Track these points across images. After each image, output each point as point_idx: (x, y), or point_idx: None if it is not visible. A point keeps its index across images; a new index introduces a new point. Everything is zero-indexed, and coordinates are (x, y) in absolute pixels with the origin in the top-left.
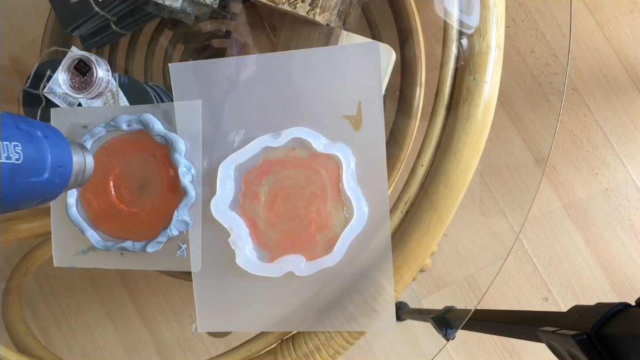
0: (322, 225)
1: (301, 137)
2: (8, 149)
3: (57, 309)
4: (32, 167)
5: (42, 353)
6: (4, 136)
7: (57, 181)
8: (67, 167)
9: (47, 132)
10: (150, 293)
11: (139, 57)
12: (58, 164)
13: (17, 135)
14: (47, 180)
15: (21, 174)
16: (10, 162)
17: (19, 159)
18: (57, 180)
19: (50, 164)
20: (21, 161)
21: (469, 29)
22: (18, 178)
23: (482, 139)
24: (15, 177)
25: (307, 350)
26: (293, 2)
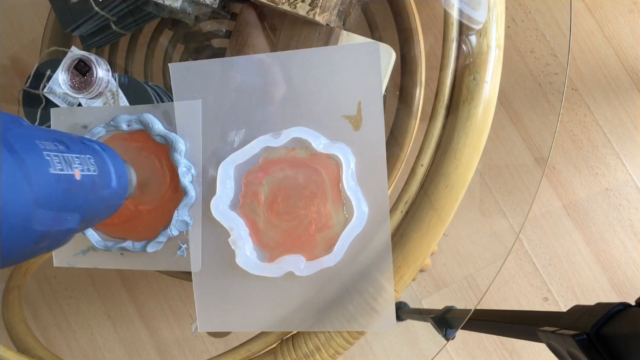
0: (322, 225)
1: (301, 137)
2: (86, 162)
3: (57, 309)
4: (104, 178)
5: (42, 353)
6: (79, 151)
7: (121, 190)
8: (125, 177)
9: (102, 146)
10: (150, 293)
11: (139, 57)
12: (119, 174)
13: (87, 150)
14: (115, 189)
15: (99, 184)
16: (90, 174)
17: (95, 170)
18: (120, 190)
19: (114, 175)
20: (97, 173)
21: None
22: (98, 189)
23: (482, 139)
24: (96, 189)
25: (307, 350)
26: (293, 2)
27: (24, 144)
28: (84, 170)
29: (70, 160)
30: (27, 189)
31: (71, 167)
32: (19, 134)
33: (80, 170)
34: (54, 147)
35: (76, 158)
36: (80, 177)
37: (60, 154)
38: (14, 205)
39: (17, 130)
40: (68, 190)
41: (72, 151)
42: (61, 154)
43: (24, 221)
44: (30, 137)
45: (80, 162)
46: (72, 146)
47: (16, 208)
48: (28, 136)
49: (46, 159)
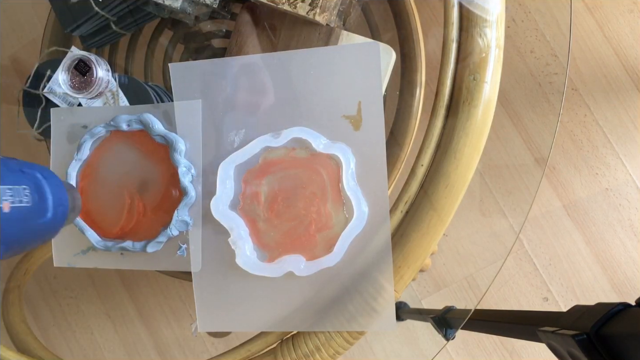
0: (322, 225)
1: (301, 137)
2: (19, 193)
3: (57, 309)
4: (38, 209)
5: (42, 353)
6: (13, 181)
7: (58, 220)
8: (65, 206)
9: (45, 174)
10: (150, 293)
11: (139, 57)
12: (58, 203)
13: (24, 179)
14: (50, 219)
15: (31, 216)
16: (22, 206)
17: (29, 202)
18: (57, 219)
19: (52, 204)
20: (30, 204)
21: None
22: (29, 221)
23: (482, 139)
24: (27, 220)
25: (307, 350)
26: (293, 2)
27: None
28: (15, 202)
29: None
30: None
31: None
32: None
33: (11, 202)
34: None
35: (8, 190)
36: (9, 209)
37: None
38: None
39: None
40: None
41: (5, 182)
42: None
43: None
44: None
45: (12, 193)
46: (6, 177)
47: None
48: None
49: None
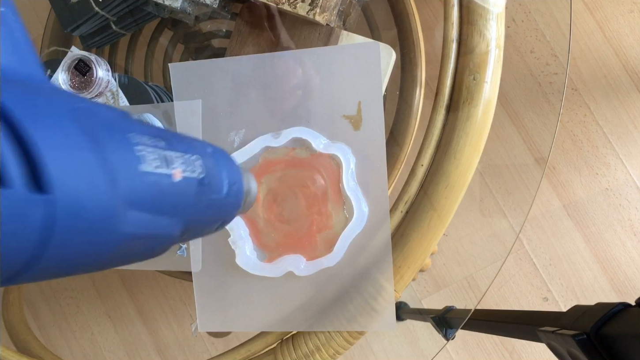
0: (322, 226)
1: (301, 137)
2: (190, 163)
3: (57, 309)
4: (213, 183)
5: (42, 353)
6: (183, 150)
7: (233, 200)
8: (240, 185)
9: (215, 149)
10: (150, 293)
11: (139, 57)
12: (232, 180)
13: (195, 150)
14: (226, 198)
15: (205, 189)
16: (194, 177)
17: (201, 173)
18: (232, 199)
19: (227, 180)
20: (203, 175)
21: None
22: (203, 195)
23: (482, 139)
24: (200, 193)
25: (307, 350)
26: (293, 2)
27: (110, 135)
28: (187, 171)
29: (170, 158)
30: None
31: (169, 167)
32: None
33: (182, 170)
34: (151, 142)
35: (178, 157)
36: (182, 177)
37: (158, 150)
38: (93, 202)
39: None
40: (164, 191)
41: (173, 149)
42: (159, 149)
43: (107, 221)
44: (122, 130)
45: (184, 161)
46: (174, 144)
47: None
48: (119, 128)
49: (137, 155)
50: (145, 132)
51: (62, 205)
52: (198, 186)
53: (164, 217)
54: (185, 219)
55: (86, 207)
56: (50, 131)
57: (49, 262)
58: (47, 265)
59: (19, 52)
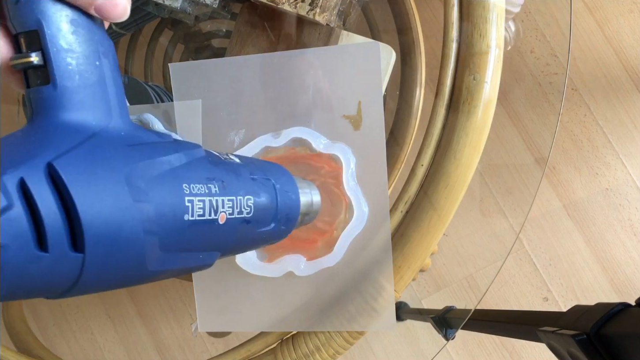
0: (322, 225)
1: (301, 137)
2: (241, 203)
3: (57, 309)
4: (260, 219)
5: (42, 353)
6: (236, 191)
7: (283, 228)
8: (294, 214)
9: (277, 178)
10: (150, 293)
11: (139, 57)
12: (286, 212)
13: (251, 188)
14: (273, 229)
15: (249, 226)
16: (242, 217)
17: (249, 212)
18: (282, 227)
19: (278, 214)
20: (252, 214)
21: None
22: (246, 230)
23: (482, 139)
24: (244, 230)
25: (307, 350)
26: (293, 2)
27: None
28: (234, 213)
29: (219, 204)
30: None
31: (216, 212)
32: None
33: (229, 214)
34: (203, 191)
35: (229, 201)
36: (225, 220)
37: (208, 198)
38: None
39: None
40: (204, 232)
41: (227, 192)
42: (210, 197)
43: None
44: (178, 180)
45: (233, 205)
46: (231, 185)
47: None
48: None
49: (186, 206)
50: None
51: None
52: (243, 223)
53: (200, 253)
54: (223, 250)
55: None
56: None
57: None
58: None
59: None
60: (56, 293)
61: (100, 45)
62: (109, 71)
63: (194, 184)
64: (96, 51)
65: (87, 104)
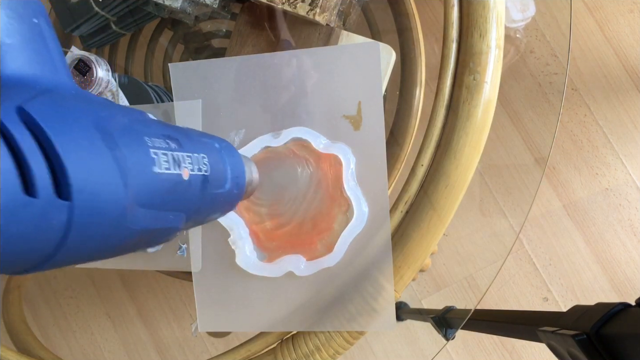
0: (322, 225)
1: (301, 137)
2: (198, 161)
3: (57, 309)
4: (217, 178)
5: (42, 353)
6: (192, 149)
7: (235, 192)
8: (242, 178)
9: (221, 143)
10: (150, 293)
11: (139, 57)
12: (235, 174)
13: (203, 148)
14: (229, 190)
15: (210, 185)
16: (201, 174)
17: (207, 170)
18: (235, 191)
19: (230, 175)
20: (209, 172)
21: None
22: (207, 190)
23: (482, 139)
24: (205, 189)
25: (307, 350)
26: (293, 2)
27: (129, 141)
28: (194, 170)
29: (180, 159)
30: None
31: (179, 167)
32: (126, 128)
33: (190, 170)
34: (164, 145)
35: (187, 157)
36: (189, 176)
37: (170, 152)
38: (108, 205)
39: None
40: (173, 190)
41: (184, 149)
42: (171, 152)
43: (120, 220)
44: (139, 133)
45: (192, 161)
46: (185, 144)
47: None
48: (136, 132)
49: (152, 157)
50: (160, 134)
51: (80, 210)
52: (203, 182)
53: (170, 213)
54: (189, 212)
55: (102, 210)
56: (74, 142)
57: (65, 255)
58: (64, 257)
59: (52, 61)
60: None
61: (32, 4)
62: (47, 30)
63: (154, 138)
64: (30, 10)
65: (33, 61)
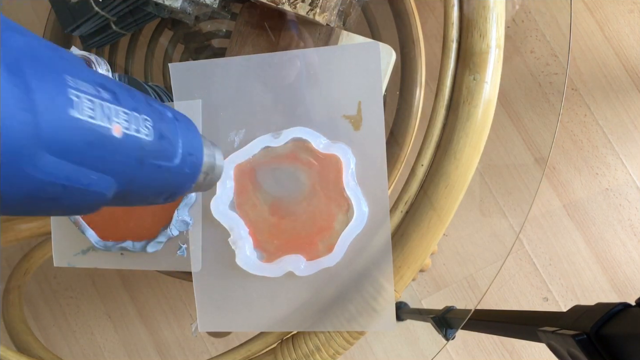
0: (322, 226)
1: (301, 137)
2: (137, 121)
3: (57, 309)
4: (162, 149)
5: (42, 353)
6: (132, 107)
7: (187, 171)
8: (199, 157)
9: (177, 115)
10: (150, 293)
11: (139, 57)
12: (189, 151)
13: (148, 110)
14: (178, 167)
15: (150, 153)
16: (139, 137)
17: (148, 135)
18: (187, 170)
19: (181, 150)
20: (151, 138)
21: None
22: (147, 158)
23: (482, 139)
24: (144, 156)
25: (307, 350)
26: (293, 2)
27: (42, 73)
28: (130, 129)
29: (112, 112)
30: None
31: (109, 120)
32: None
33: (125, 128)
34: (92, 91)
35: (124, 113)
36: (122, 134)
37: (99, 101)
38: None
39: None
40: (97, 144)
41: (120, 104)
42: (100, 100)
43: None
44: (59, 70)
45: (129, 118)
46: (124, 99)
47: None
48: (56, 68)
49: (70, 98)
50: (91, 80)
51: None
52: (142, 148)
53: (92, 172)
54: (121, 179)
55: None
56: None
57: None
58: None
59: None
60: None
61: None
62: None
63: (80, 80)
64: None
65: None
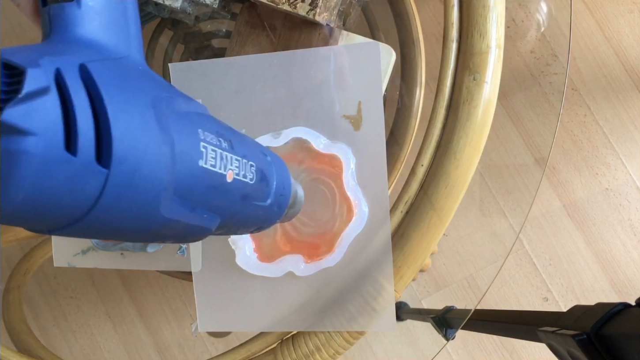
0: (322, 226)
1: (301, 137)
2: (245, 167)
3: (57, 309)
4: (260, 190)
5: (42, 353)
6: (243, 154)
7: (276, 209)
8: (286, 197)
9: (273, 157)
10: (150, 293)
11: None
12: (280, 191)
13: (253, 156)
14: (269, 206)
15: (251, 195)
16: (245, 181)
17: (252, 179)
18: (275, 209)
19: (274, 190)
20: (253, 182)
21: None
22: (247, 199)
23: (482, 139)
24: (246, 197)
25: (307, 350)
26: (293, 2)
27: (182, 128)
28: (239, 175)
29: (228, 160)
30: (163, 170)
31: (225, 167)
32: (182, 115)
33: (235, 174)
34: (215, 142)
35: (236, 160)
36: (232, 180)
37: (219, 150)
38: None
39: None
40: (214, 189)
41: (234, 151)
42: (220, 150)
43: (151, 202)
44: (194, 123)
45: (239, 165)
46: (237, 147)
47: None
48: (191, 121)
49: (200, 150)
50: (214, 131)
51: (116, 181)
52: (245, 190)
53: (205, 211)
54: (224, 216)
55: (138, 187)
56: (126, 113)
57: (89, 224)
58: (87, 226)
59: (127, 32)
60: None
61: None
62: (131, 2)
63: (207, 132)
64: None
65: (108, 28)
